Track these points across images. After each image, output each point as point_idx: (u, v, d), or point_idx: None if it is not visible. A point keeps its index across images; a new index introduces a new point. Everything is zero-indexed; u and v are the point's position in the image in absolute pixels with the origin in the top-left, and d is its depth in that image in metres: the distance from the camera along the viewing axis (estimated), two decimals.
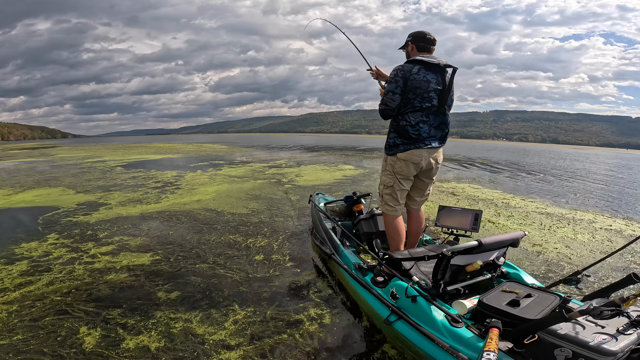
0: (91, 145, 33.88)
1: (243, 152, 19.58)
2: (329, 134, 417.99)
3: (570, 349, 1.17)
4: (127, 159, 13.97)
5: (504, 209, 5.42)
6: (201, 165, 11.46)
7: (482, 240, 1.68)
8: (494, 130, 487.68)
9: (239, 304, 2.26)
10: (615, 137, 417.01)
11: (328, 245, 2.82)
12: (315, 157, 15.63)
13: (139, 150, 20.69)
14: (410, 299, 1.70)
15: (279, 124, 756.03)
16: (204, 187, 6.80)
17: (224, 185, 7.04)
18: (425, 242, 2.82)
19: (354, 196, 3.49)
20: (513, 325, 1.40)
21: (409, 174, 2.33)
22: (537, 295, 1.59)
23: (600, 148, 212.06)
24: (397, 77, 2.19)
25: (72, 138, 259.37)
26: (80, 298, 2.34)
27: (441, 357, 1.48)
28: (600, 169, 16.97)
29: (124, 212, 4.71)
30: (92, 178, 8.24)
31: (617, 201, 6.89)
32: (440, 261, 1.75)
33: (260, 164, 11.86)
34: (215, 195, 5.94)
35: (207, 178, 8.06)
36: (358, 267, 2.24)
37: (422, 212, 2.60)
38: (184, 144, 32.50)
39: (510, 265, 2.12)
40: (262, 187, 6.86)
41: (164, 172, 9.34)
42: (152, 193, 6.14)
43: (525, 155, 26.83)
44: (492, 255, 1.90)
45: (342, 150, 22.96)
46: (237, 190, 6.38)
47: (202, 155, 16.12)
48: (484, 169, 12.83)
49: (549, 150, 53.98)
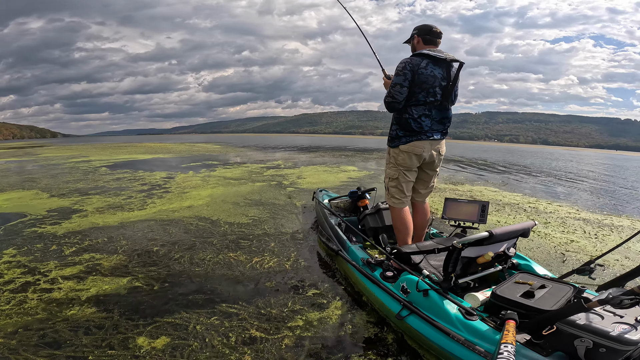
0: (80, 144, 32.66)
1: (237, 152, 18.81)
2: (322, 134, 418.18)
3: (591, 339, 1.14)
4: (115, 159, 13.14)
5: (535, 214, 4.85)
6: (193, 165, 10.68)
7: (493, 231, 1.64)
8: (485, 132, 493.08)
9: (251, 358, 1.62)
10: (605, 138, 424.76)
11: (334, 241, 2.74)
12: (314, 158, 14.96)
13: (129, 150, 19.78)
14: (422, 293, 1.67)
15: (272, 125, 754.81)
16: (197, 190, 6.09)
17: (219, 188, 6.33)
18: (432, 235, 2.81)
19: (359, 191, 3.46)
20: (528, 316, 1.38)
21: (412, 165, 2.32)
22: (551, 286, 1.57)
23: (590, 149, 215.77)
24: (406, 70, 2.16)
25: (62, 138, 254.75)
26: (28, 342, 1.69)
27: (457, 351, 1.44)
28: (603, 170, 16.78)
29: (100, 221, 4.00)
30: (71, 180, 7.46)
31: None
32: (451, 253, 1.70)
33: (256, 164, 11.13)
34: (209, 200, 5.24)
35: (200, 180, 7.34)
36: (366, 262, 2.21)
37: (427, 204, 2.57)
38: (176, 143, 31.56)
39: (520, 257, 2.09)
40: (261, 190, 6.17)
41: (152, 173, 8.58)
42: (136, 197, 5.41)
43: (521, 156, 26.75)
44: (502, 246, 1.87)
45: (340, 150, 22.33)
46: (234, 195, 5.69)
47: (195, 155, 15.31)
48: (489, 170, 12.34)
49: (542, 151, 54.21)
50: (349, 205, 3.58)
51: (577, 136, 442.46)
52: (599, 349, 1.13)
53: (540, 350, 1.27)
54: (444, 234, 2.76)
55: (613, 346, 1.11)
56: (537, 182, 9.37)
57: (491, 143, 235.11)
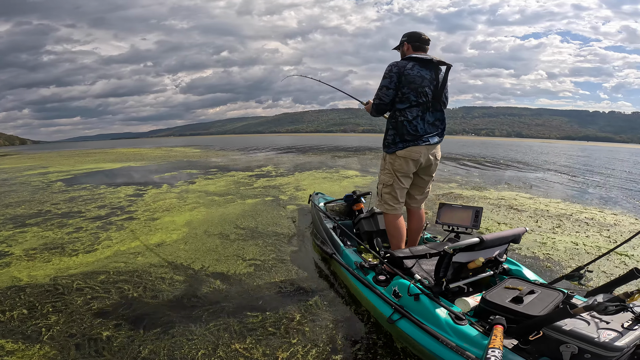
0: (46, 152, 29.82)
1: (220, 156, 17.17)
2: (305, 133, 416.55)
3: (576, 345, 1.16)
4: (77, 170, 11.38)
5: (599, 229, 3.77)
6: (168, 177, 9.10)
7: (484, 237, 1.66)
8: (463, 126, 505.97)
9: None
10: (575, 130, 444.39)
11: (329, 244, 2.76)
12: (307, 160, 13.65)
13: (97, 158, 17.82)
14: (413, 297, 1.68)
15: (253, 125, 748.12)
16: (171, 215, 4.69)
17: (200, 210, 4.95)
18: (426, 240, 2.79)
19: (354, 195, 3.46)
20: (517, 322, 1.38)
21: (408, 171, 2.31)
22: (540, 291, 1.57)
23: (562, 141, 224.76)
24: (392, 73, 2.21)
25: (32, 144, 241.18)
26: None
27: (446, 355, 1.44)
28: (605, 162, 16.40)
29: (23, 276, 2.62)
30: (13, 202, 5.87)
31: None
32: (442, 259, 1.70)
33: (243, 172, 9.66)
34: (187, 231, 3.88)
35: (176, 198, 5.89)
36: (360, 266, 2.20)
37: (423, 210, 2.56)
38: (152, 148, 29.45)
39: (511, 262, 2.10)
40: (255, 211, 4.84)
41: (117, 188, 7.05)
42: (87, 230, 3.97)
43: (507, 150, 26.65)
44: (494, 252, 1.87)
45: (330, 151, 21.03)
46: (220, 220, 4.34)
47: (171, 162, 13.63)
48: (497, 169, 11.45)
49: (521, 144, 55.02)
50: (344, 208, 3.62)
51: (549, 128, 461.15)
52: (584, 354, 1.14)
53: (527, 355, 1.27)
54: (438, 239, 2.78)
55: (598, 352, 1.11)
56: (564, 184, 8.47)
57: (469, 137, 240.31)
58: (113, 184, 7.65)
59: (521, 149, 30.24)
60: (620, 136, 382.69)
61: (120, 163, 13.82)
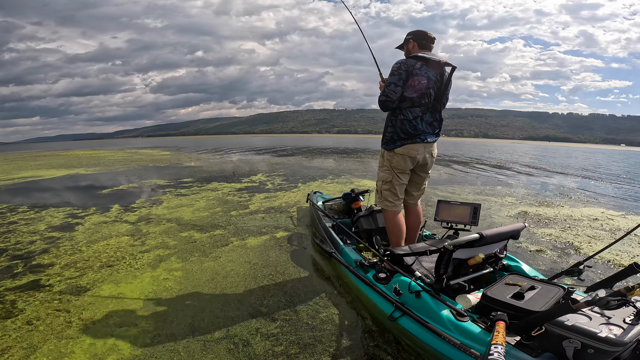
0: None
1: (194, 160, 14.64)
2: (279, 134, 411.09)
3: (579, 340, 1.14)
4: (6, 179, 8.71)
5: None
6: (123, 192, 6.61)
7: (484, 233, 1.64)
8: None
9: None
10: (536, 131, 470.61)
11: (328, 243, 2.70)
12: (296, 164, 11.62)
13: (43, 162, 14.81)
14: (414, 295, 1.66)
15: (227, 125, 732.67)
16: (114, 279, 2.55)
17: (172, 265, 2.84)
18: (425, 237, 2.79)
19: (352, 193, 3.44)
20: (518, 318, 1.37)
21: (406, 168, 2.32)
22: (541, 287, 1.57)
23: (525, 141, 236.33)
24: (401, 70, 2.19)
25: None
26: None
27: (448, 352, 1.41)
28: (603, 163, 15.75)
29: None
30: None
31: None
32: (443, 255, 1.68)
33: (229, 184, 7.27)
34: (145, 336, 1.81)
35: (128, 235, 3.67)
36: (359, 264, 2.17)
37: (420, 206, 2.56)
38: (114, 150, 26.16)
39: (511, 258, 2.06)
40: (269, 262, 2.83)
41: (41, 212, 4.71)
42: None
43: (484, 151, 26.03)
44: (493, 248, 1.86)
45: (323, 154, 19.09)
46: (211, 297, 2.30)
47: (133, 169, 11.07)
48: (513, 175, 10.06)
49: (492, 144, 55.90)
50: (342, 207, 3.59)
51: (513, 129, 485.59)
52: (587, 349, 1.12)
53: (530, 351, 1.25)
54: (437, 236, 2.77)
55: (600, 347, 1.10)
56: (604, 188, 7.07)
57: (442, 138, 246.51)
58: (39, 204, 5.28)
59: (498, 149, 29.90)
60: (578, 136, 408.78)
61: (67, 170, 11.11)
